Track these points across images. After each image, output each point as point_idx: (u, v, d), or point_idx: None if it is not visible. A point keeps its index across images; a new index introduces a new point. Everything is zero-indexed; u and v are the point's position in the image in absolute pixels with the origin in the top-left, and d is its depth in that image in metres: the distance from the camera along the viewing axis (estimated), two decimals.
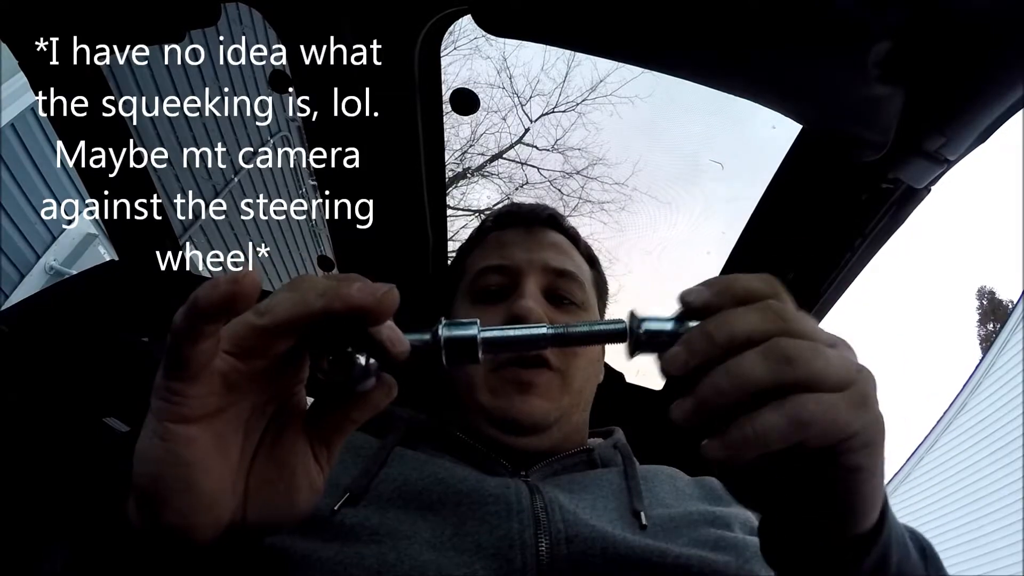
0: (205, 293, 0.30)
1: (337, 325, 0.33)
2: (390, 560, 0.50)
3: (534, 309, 0.69)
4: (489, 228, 0.83)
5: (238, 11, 0.75)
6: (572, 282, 0.76)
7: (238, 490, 0.35)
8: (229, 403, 0.34)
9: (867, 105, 0.61)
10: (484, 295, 0.75)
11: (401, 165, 0.84)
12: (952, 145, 0.58)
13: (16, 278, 3.36)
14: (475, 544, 0.52)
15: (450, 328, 0.38)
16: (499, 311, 0.71)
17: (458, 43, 8.14)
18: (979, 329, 17.11)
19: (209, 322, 0.30)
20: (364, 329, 0.34)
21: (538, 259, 0.75)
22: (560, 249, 0.79)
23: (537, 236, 0.79)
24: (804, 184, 0.77)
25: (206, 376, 0.32)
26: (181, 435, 0.32)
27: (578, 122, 8.95)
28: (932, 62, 0.53)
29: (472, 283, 0.76)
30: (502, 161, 9.20)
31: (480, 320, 0.45)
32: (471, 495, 0.57)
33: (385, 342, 0.34)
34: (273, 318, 0.32)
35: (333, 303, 0.32)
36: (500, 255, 0.76)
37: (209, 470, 0.33)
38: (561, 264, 0.76)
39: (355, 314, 0.32)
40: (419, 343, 0.37)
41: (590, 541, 0.53)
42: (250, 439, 0.36)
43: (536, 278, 0.74)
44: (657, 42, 0.66)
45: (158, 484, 0.32)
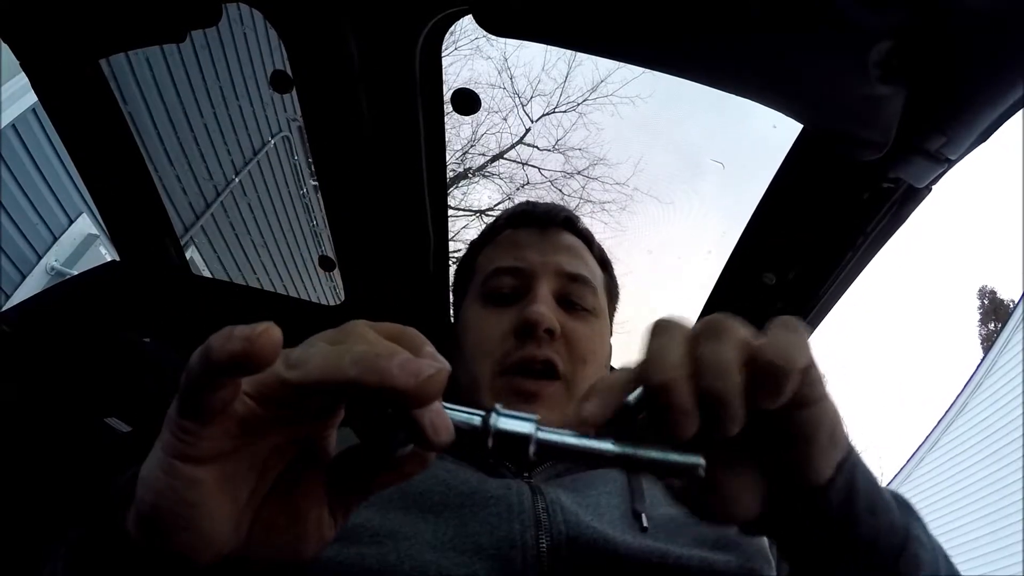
0: (219, 345, 0.27)
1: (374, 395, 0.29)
2: (391, 561, 0.50)
3: (546, 315, 0.68)
4: (503, 226, 0.82)
5: (239, 11, 0.75)
6: (585, 287, 0.75)
7: (242, 529, 0.33)
8: (244, 445, 0.31)
9: (868, 104, 0.61)
10: (495, 297, 0.74)
11: (402, 165, 0.84)
12: (953, 144, 0.58)
13: (17, 278, 3.36)
14: (476, 545, 0.52)
15: (506, 420, 0.33)
16: (510, 314, 0.71)
17: (459, 43, 8.15)
18: (980, 329, 17.10)
19: (223, 375, 0.28)
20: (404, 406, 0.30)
21: (552, 262, 0.74)
22: (574, 252, 0.78)
23: (551, 238, 0.78)
24: (805, 183, 0.77)
25: (222, 419, 0.29)
26: (187, 475, 0.29)
27: (579, 122, 8.97)
28: (932, 61, 0.53)
29: (484, 283, 0.75)
30: (503, 161, 9.22)
31: (489, 322, 0.44)
32: (473, 496, 0.57)
33: (427, 428, 0.31)
34: (303, 375, 0.29)
35: (367, 376, 0.28)
36: (513, 256, 0.75)
37: (213, 512, 0.30)
38: (575, 268, 0.75)
39: (390, 394, 0.29)
40: (466, 427, 0.33)
41: (591, 542, 0.53)
42: (265, 479, 0.34)
43: (549, 282, 0.73)
44: (658, 41, 0.66)
45: (158, 515, 0.30)
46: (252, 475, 0.32)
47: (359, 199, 0.91)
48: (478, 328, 0.72)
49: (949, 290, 34.36)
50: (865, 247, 0.77)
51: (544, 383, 0.68)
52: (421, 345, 0.33)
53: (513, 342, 0.69)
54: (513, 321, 0.70)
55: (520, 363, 0.67)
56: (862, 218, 0.74)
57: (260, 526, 0.33)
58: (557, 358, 0.68)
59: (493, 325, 0.71)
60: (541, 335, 0.68)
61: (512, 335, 0.69)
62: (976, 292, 17.31)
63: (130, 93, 3.38)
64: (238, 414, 0.30)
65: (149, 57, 3.54)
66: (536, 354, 0.68)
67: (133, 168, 0.95)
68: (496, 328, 0.70)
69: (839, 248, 0.78)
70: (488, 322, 0.72)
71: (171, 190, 4.16)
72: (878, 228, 0.74)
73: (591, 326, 0.74)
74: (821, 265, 0.82)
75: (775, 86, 0.67)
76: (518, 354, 0.68)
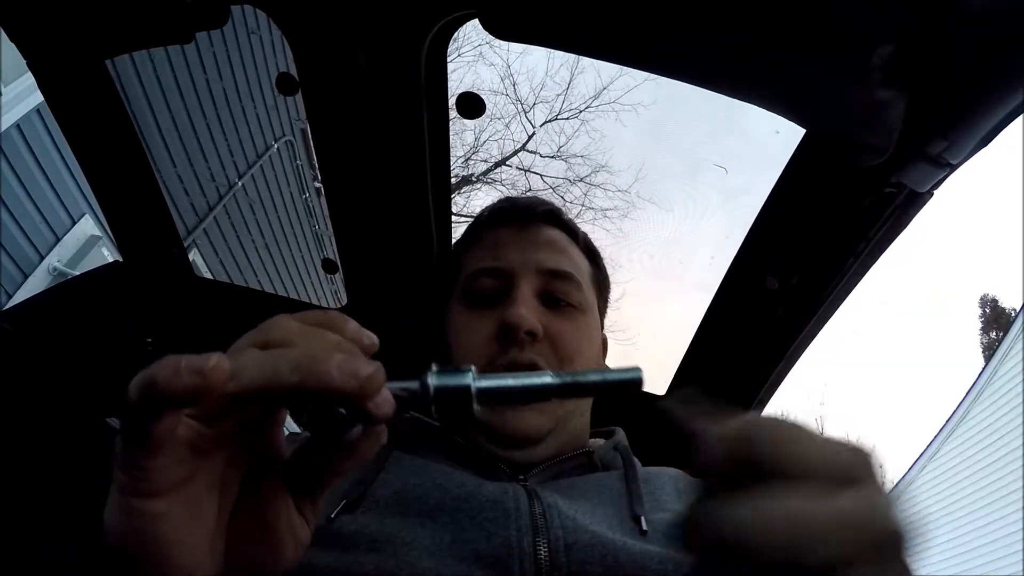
0: (165, 378, 0.26)
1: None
2: (389, 568, 0.50)
3: (526, 317, 0.67)
4: (483, 224, 0.81)
5: (243, 13, 0.75)
6: (568, 283, 0.73)
7: (217, 551, 0.32)
8: (198, 467, 0.30)
9: (870, 108, 0.61)
10: (477, 299, 0.72)
11: (406, 169, 0.85)
12: (955, 149, 0.58)
13: (19, 278, 3.37)
14: (474, 552, 0.52)
15: (441, 376, 0.33)
16: (492, 316, 0.70)
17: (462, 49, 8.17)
18: (982, 337, 17.05)
19: (168, 406, 0.27)
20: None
21: (531, 260, 0.73)
22: (556, 247, 0.76)
23: (531, 234, 0.76)
24: (807, 188, 0.77)
25: (170, 447, 0.28)
26: (148, 511, 0.28)
27: (581, 129, 8.99)
28: (934, 65, 0.53)
29: (465, 285, 0.74)
30: (505, 168, 9.23)
31: (472, 326, 0.43)
32: (469, 500, 0.56)
33: (368, 405, 0.30)
34: (240, 385, 0.28)
35: (307, 380, 0.28)
36: (493, 256, 0.74)
37: (183, 542, 0.30)
38: (556, 264, 0.74)
39: (334, 397, 0.28)
40: (405, 393, 0.32)
41: (589, 548, 0.53)
42: (227, 496, 0.33)
43: (530, 281, 0.71)
44: (662, 45, 0.66)
45: (130, 558, 0.29)
46: (213, 495, 0.32)
47: (363, 202, 0.91)
48: (461, 332, 0.71)
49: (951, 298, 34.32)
50: (867, 252, 0.77)
51: None
52: (344, 325, 0.33)
53: (496, 346, 0.68)
54: (495, 324, 0.69)
55: (504, 368, 0.66)
56: (864, 223, 0.74)
57: (235, 544, 0.33)
58: (541, 360, 0.67)
59: (476, 328, 0.70)
60: (523, 338, 0.67)
61: (495, 339, 0.68)
62: (978, 301, 17.27)
63: (135, 94, 3.39)
64: (184, 437, 0.29)
65: (155, 58, 3.55)
66: (519, 358, 0.67)
67: (137, 169, 0.95)
68: (479, 332, 0.69)
69: (841, 253, 0.78)
70: (471, 325, 0.71)
71: (174, 192, 4.17)
72: (880, 233, 0.73)
73: (576, 323, 0.73)
74: (823, 270, 0.82)
75: (778, 90, 0.67)
76: (502, 359, 0.67)
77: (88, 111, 0.88)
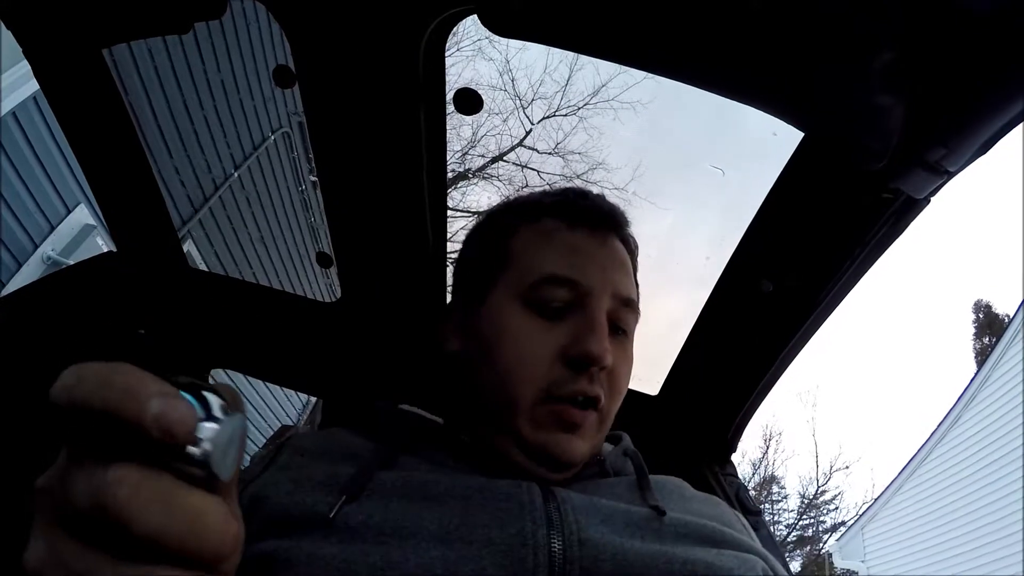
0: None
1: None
2: (395, 558, 0.49)
3: (609, 353, 0.63)
4: (551, 215, 0.72)
5: (241, 5, 0.75)
6: (632, 313, 0.70)
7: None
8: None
9: (869, 113, 0.61)
10: (544, 305, 0.66)
11: (403, 163, 0.84)
12: (953, 156, 0.58)
13: (13, 267, 3.35)
14: (486, 538, 0.51)
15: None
16: (559, 332, 0.65)
17: (461, 44, 8.16)
18: (975, 343, 17.16)
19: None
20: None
21: (610, 282, 0.67)
22: (627, 269, 0.71)
23: (609, 249, 0.70)
24: (804, 192, 0.77)
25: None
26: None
27: (579, 126, 8.99)
28: (934, 73, 0.53)
29: (533, 288, 0.66)
30: (502, 163, 9.23)
31: (536, 338, 0.40)
32: (481, 491, 0.56)
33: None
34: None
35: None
36: (570, 264, 0.67)
37: None
38: (627, 292, 0.69)
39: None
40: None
41: (601, 545, 0.53)
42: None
43: (603, 305, 0.66)
44: (662, 45, 0.66)
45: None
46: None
47: (358, 196, 0.90)
48: (523, 339, 0.65)
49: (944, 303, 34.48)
50: (862, 257, 0.77)
51: (587, 413, 0.64)
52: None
53: (564, 371, 0.63)
54: (563, 342, 0.64)
55: (569, 396, 0.63)
56: (860, 228, 0.74)
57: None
58: (603, 392, 0.65)
59: (540, 343, 0.64)
60: (594, 371, 0.64)
61: (562, 362, 0.64)
62: (971, 306, 17.38)
63: (132, 84, 3.37)
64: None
65: (152, 48, 3.53)
66: (588, 390, 0.63)
67: (133, 159, 0.95)
68: (544, 348, 0.64)
69: (837, 257, 0.79)
70: (534, 338, 0.65)
71: (170, 182, 4.15)
72: (876, 238, 0.74)
73: (627, 353, 0.70)
74: (818, 274, 0.82)
75: (777, 92, 0.67)
76: (569, 388, 0.63)
77: (84, 100, 0.87)
